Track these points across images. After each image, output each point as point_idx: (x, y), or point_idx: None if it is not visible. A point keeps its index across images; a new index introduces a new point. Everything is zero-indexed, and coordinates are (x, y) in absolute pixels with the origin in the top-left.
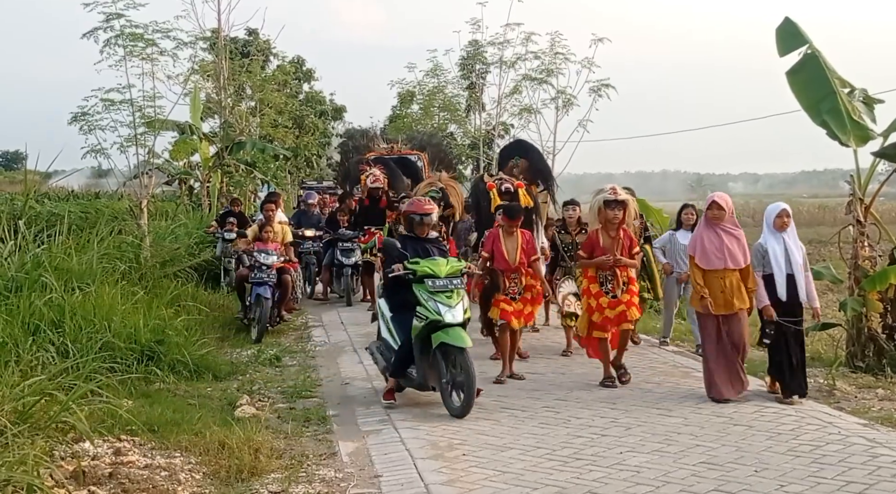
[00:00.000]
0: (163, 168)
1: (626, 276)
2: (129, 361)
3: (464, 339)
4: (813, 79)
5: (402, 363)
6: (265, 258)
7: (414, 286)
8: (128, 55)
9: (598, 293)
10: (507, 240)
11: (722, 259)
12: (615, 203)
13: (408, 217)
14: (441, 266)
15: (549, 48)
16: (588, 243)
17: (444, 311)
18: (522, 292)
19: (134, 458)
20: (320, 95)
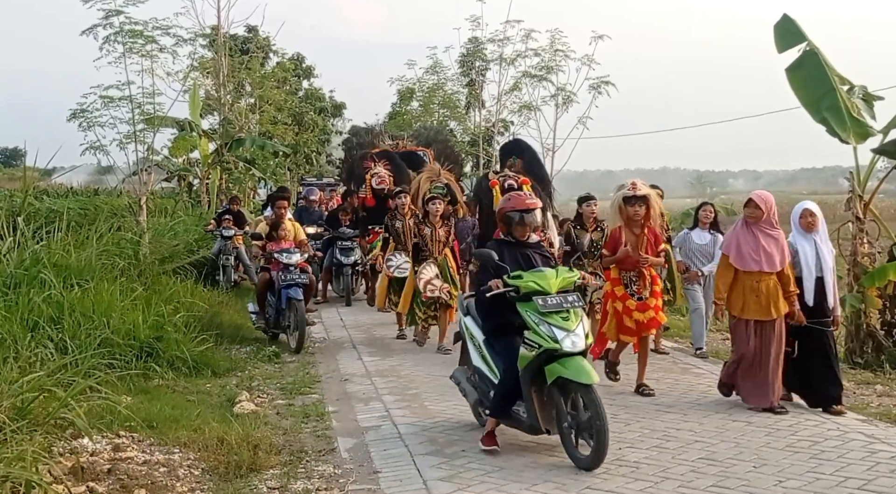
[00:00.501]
0: (162, 165)
1: (650, 276)
2: (127, 357)
3: (588, 373)
4: (812, 76)
5: (507, 400)
6: (288, 258)
7: (519, 306)
8: (127, 52)
9: (623, 296)
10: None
11: (758, 261)
12: (635, 199)
13: (504, 217)
14: (550, 279)
15: (548, 45)
16: (611, 241)
17: (561, 336)
18: None
19: (133, 454)
20: (320, 92)
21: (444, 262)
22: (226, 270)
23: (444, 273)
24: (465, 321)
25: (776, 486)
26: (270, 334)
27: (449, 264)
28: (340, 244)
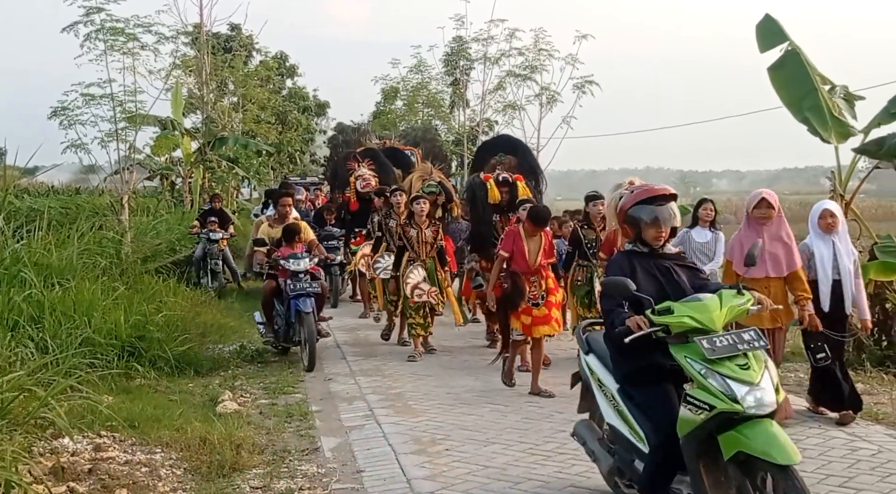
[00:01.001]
0: (144, 164)
1: None
2: (109, 357)
3: (783, 448)
4: (794, 75)
5: (663, 476)
6: (296, 264)
7: (674, 351)
8: (108, 50)
9: None
10: (529, 239)
11: (762, 266)
12: None
13: (629, 218)
14: (713, 311)
15: (532, 45)
16: (607, 244)
17: (740, 392)
18: (546, 295)
19: (114, 454)
20: (303, 90)
21: (431, 265)
22: (216, 275)
23: (431, 277)
24: (589, 361)
25: None
26: (280, 348)
27: (437, 268)
28: (326, 244)
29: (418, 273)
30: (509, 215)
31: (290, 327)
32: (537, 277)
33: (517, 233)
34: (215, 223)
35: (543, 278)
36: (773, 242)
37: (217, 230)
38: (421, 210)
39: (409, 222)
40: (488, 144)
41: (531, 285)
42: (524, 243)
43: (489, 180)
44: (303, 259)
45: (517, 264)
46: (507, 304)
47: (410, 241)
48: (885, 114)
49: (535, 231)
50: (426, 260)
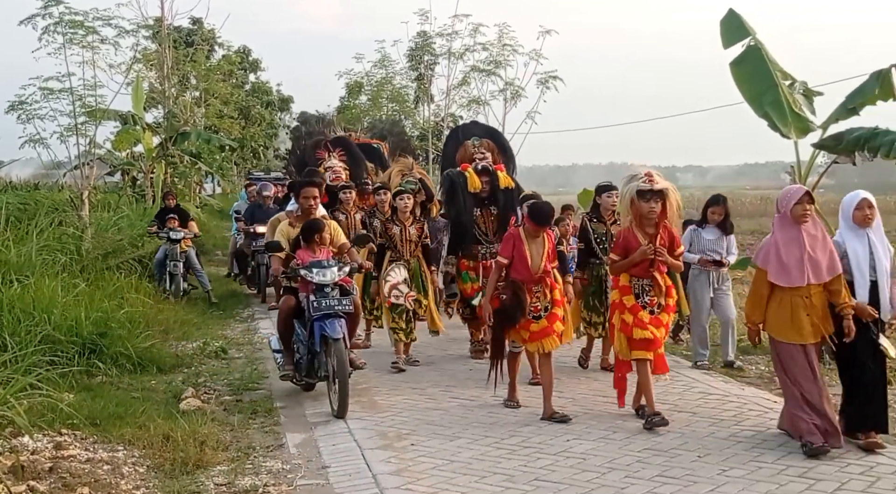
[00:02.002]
0: (105, 159)
1: (665, 285)
2: (70, 354)
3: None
4: (755, 71)
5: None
6: (321, 275)
7: None
8: (67, 43)
9: (634, 308)
10: (530, 242)
11: (802, 272)
12: (651, 194)
13: None
14: None
15: (497, 40)
16: (620, 243)
17: None
18: (550, 307)
19: (75, 452)
20: (267, 85)
21: (416, 266)
22: (174, 278)
23: (417, 279)
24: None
25: (720, 475)
26: (302, 383)
27: (422, 268)
28: None
29: (399, 273)
30: (490, 208)
31: (315, 357)
32: (540, 286)
33: (517, 236)
34: (175, 221)
35: (547, 286)
36: (813, 244)
37: (178, 229)
38: (405, 206)
39: (391, 218)
40: (459, 129)
41: (533, 296)
42: (525, 246)
43: (467, 169)
44: (329, 268)
45: (518, 272)
46: (506, 319)
47: (393, 239)
48: (843, 110)
49: (538, 232)
50: (410, 260)
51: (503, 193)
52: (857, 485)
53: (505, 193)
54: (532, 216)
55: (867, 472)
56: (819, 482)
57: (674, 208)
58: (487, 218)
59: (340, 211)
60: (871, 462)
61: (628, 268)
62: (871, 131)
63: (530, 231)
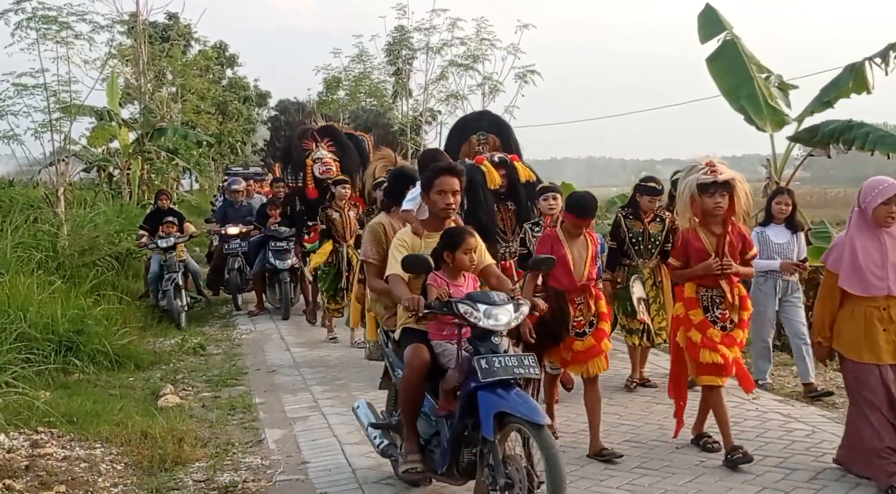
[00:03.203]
0: (80, 155)
1: (739, 296)
2: (46, 351)
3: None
4: (732, 65)
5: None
6: (495, 318)
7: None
8: (41, 38)
9: (702, 324)
10: (571, 243)
11: (883, 281)
12: (715, 186)
13: None
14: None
15: (474, 34)
16: (681, 247)
17: None
18: (596, 321)
19: (52, 450)
20: (244, 80)
21: None
22: (179, 292)
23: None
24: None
25: (698, 465)
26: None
27: None
28: (274, 245)
29: None
30: (507, 203)
31: (462, 443)
32: (584, 296)
33: (555, 237)
34: (173, 226)
35: (592, 297)
36: (895, 244)
37: (171, 235)
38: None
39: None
40: (467, 121)
41: (576, 309)
42: (566, 249)
43: (483, 163)
44: (503, 306)
45: (558, 281)
46: (547, 336)
47: None
48: (818, 102)
49: (579, 229)
50: None
51: (524, 187)
52: None
53: (526, 186)
54: (573, 209)
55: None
56: (795, 472)
57: (742, 202)
58: (505, 214)
59: (334, 208)
60: None
61: (692, 277)
62: (846, 124)
63: (571, 229)
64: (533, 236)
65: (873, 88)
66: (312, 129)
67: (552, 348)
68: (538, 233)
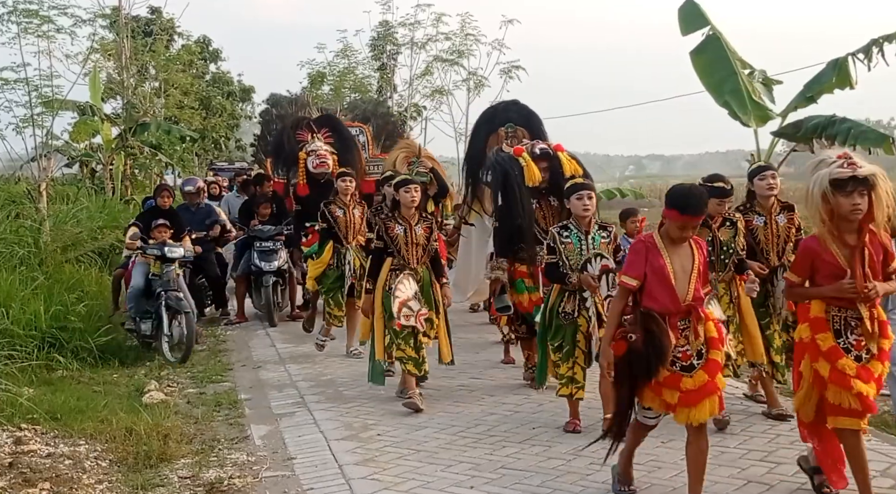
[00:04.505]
0: (62, 150)
1: (878, 320)
2: (28, 348)
3: None
4: (715, 60)
5: None
6: None
7: None
8: (22, 33)
9: (832, 352)
10: (671, 252)
11: None
12: (854, 183)
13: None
14: None
15: (459, 29)
16: (804, 259)
17: None
18: (705, 352)
19: (35, 447)
20: (228, 75)
21: (425, 275)
22: (188, 321)
23: (426, 292)
24: None
25: (683, 460)
26: None
27: (432, 279)
28: (259, 246)
29: (408, 286)
30: (550, 198)
31: None
32: (689, 319)
33: (651, 244)
34: (167, 231)
35: (701, 320)
36: None
37: (175, 244)
38: (411, 200)
39: (392, 215)
40: (496, 111)
41: (679, 335)
42: (665, 259)
43: (522, 154)
44: None
45: (655, 300)
46: (639, 371)
47: (396, 241)
48: (802, 98)
49: (684, 233)
50: (418, 268)
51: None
52: None
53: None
54: (678, 204)
55: None
56: (780, 465)
57: (883, 203)
58: (547, 211)
59: (337, 205)
60: None
61: (818, 299)
62: (829, 119)
63: (673, 233)
64: (562, 242)
65: (856, 83)
66: (309, 118)
67: (644, 384)
68: (567, 239)
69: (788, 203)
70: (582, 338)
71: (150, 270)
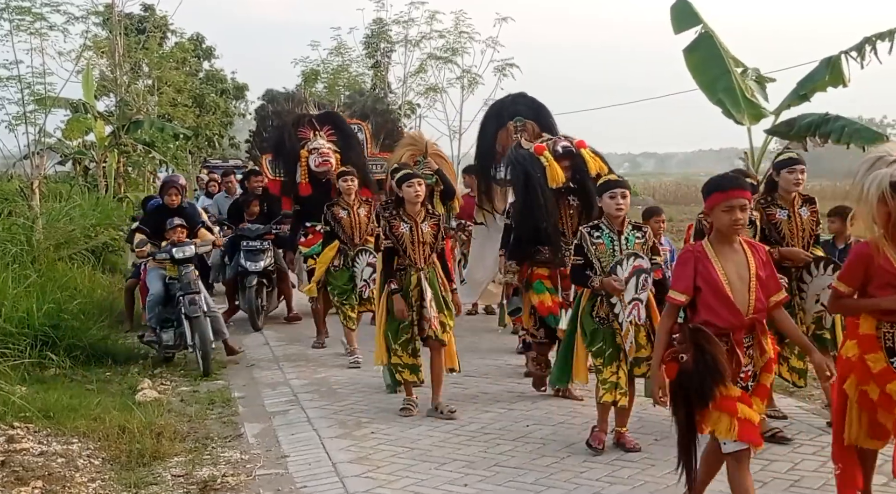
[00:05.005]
0: (55, 148)
1: None
2: (21, 346)
3: None
4: (708, 58)
5: None
6: None
7: None
8: (14, 30)
9: (884, 373)
10: (725, 261)
11: None
12: None
13: None
14: None
15: (453, 27)
16: (856, 266)
17: None
18: (759, 374)
19: (28, 445)
20: (221, 73)
21: (432, 276)
22: (201, 328)
23: (435, 294)
24: None
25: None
26: None
27: (439, 278)
28: (246, 245)
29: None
30: (569, 198)
31: None
32: (751, 336)
33: (700, 253)
34: (183, 231)
35: (766, 335)
36: None
37: (186, 242)
38: (415, 195)
39: (397, 213)
40: (503, 105)
41: (744, 353)
42: (717, 269)
43: (544, 153)
44: None
45: (715, 315)
46: (694, 394)
47: (401, 240)
48: (795, 96)
49: (734, 219)
50: (426, 269)
51: (594, 181)
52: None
53: (597, 181)
54: (716, 184)
55: None
56: (773, 462)
57: None
58: (566, 212)
59: (341, 205)
60: None
61: (872, 310)
62: (822, 117)
63: (724, 227)
64: (592, 243)
65: (849, 81)
66: (310, 115)
67: (701, 409)
68: (598, 239)
69: (809, 196)
70: (622, 341)
71: (167, 274)
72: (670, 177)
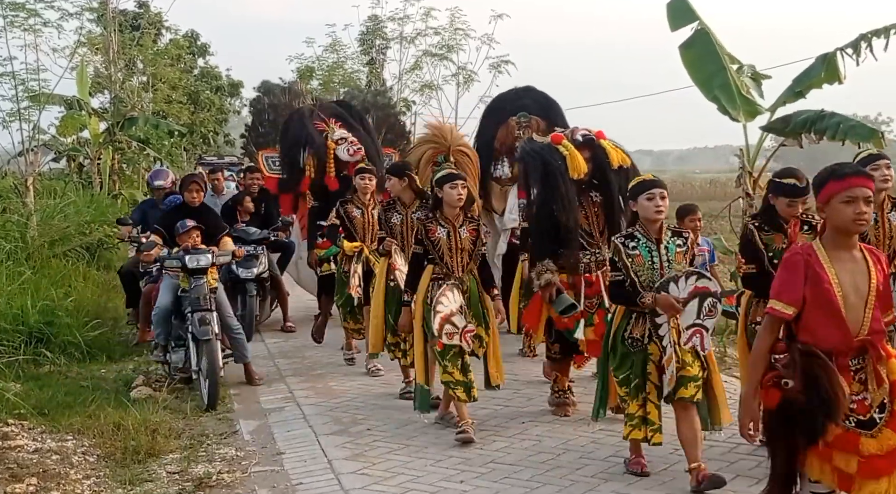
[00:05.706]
0: (50, 145)
1: None
2: (16, 343)
3: None
4: (704, 55)
5: None
6: None
7: None
8: (8, 26)
9: None
10: (840, 268)
11: None
12: None
13: None
14: None
15: (448, 24)
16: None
17: None
18: (889, 402)
19: (23, 442)
20: (216, 70)
21: (472, 285)
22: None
23: (473, 305)
24: None
25: (672, 454)
26: None
27: (480, 290)
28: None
29: (452, 298)
30: (591, 194)
31: None
32: (863, 359)
33: (811, 256)
34: (198, 235)
35: (882, 360)
36: None
37: (202, 249)
38: (458, 198)
39: (434, 216)
40: (505, 99)
41: (854, 379)
42: (831, 278)
43: (563, 142)
44: None
45: (814, 334)
46: (802, 428)
47: (438, 247)
48: (790, 92)
49: (859, 213)
50: (464, 277)
51: (616, 174)
52: None
53: (619, 173)
54: (830, 172)
55: None
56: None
57: None
58: (590, 209)
59: (356, 204)
60: None
61: None
62: (818, 114)
63: (844, 224)
64: (628, 255)
65: (845, 78)
66: (315, 107)
67: (809, 446)
68: (634, 250)
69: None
70: (654, 369)
71: (179, 284)
72: (667, 174)
